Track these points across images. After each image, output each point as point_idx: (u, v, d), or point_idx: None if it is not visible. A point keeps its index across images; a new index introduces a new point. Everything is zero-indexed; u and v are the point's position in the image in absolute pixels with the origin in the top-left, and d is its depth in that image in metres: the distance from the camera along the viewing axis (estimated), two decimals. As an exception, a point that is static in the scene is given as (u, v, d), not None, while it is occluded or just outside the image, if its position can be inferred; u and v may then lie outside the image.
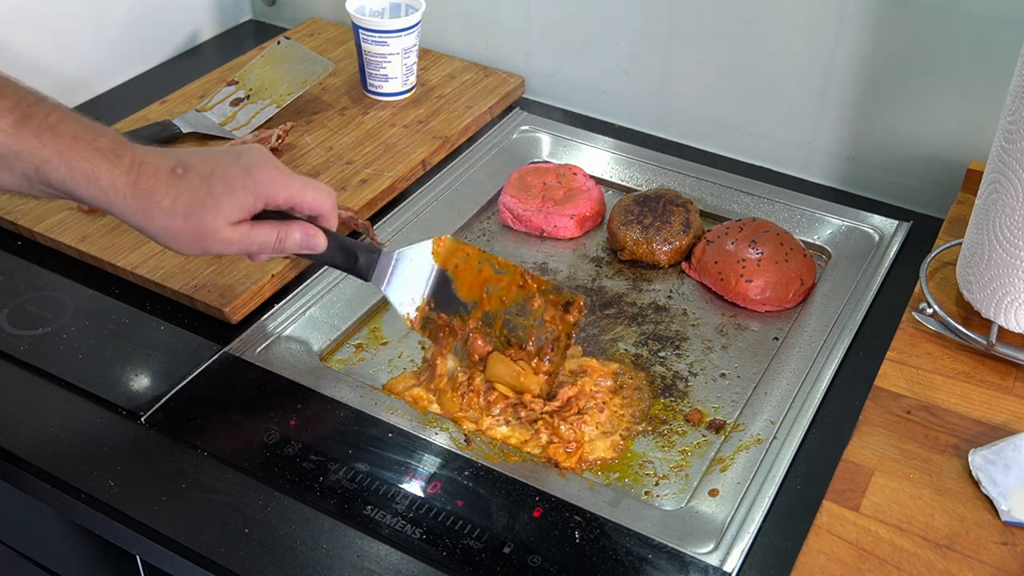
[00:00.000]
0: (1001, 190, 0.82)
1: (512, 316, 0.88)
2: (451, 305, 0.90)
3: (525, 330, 0.88)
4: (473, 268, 0.90)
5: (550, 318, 0.88)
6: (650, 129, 1.29)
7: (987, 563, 0.71)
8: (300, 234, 0.82)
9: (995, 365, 0.88)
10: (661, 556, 0.76)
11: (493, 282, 0.89)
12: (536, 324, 0.88)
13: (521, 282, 0.89)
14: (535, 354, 0.88)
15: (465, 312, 0.90)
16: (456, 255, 0.90)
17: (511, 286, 0.89)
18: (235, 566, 0.75)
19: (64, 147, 0.74)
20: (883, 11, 1.07)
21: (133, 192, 0.76)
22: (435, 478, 0.82)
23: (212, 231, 0.78)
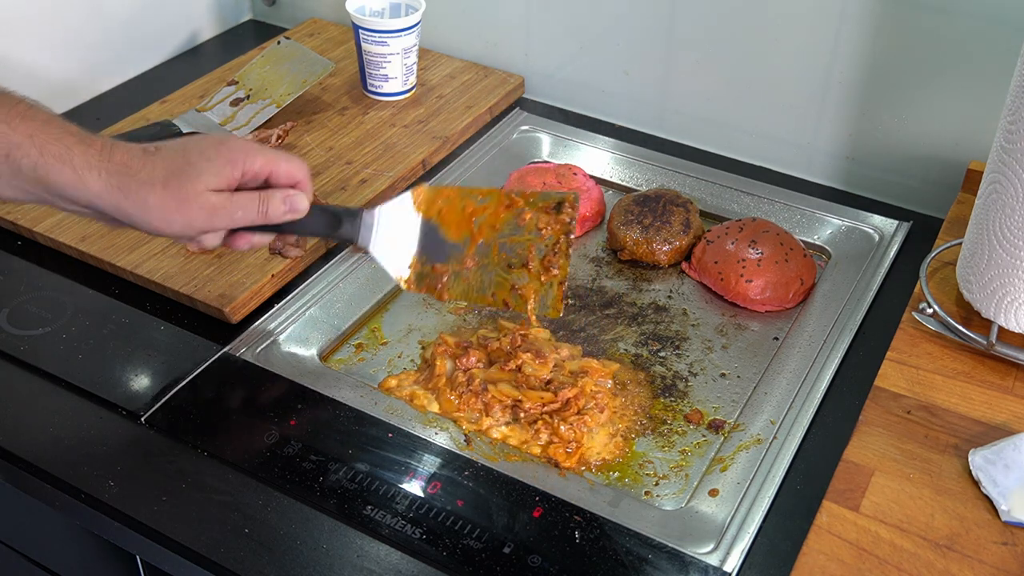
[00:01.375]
0: (1001, 190, 0.82)
1: (506, 238, 0.87)
2: (442, 251, 0.87)
3: (523, 246, 0.86)
4: (456, 208, 0.87)
5: (544, 225, 0.87)
6: (650, 129, 1.29)
7: (987, 563, 0.71)
8: (282, 196, 0.80)
9: (995, 365, 0.88)
10: (661, 556, 0.76)
11: (479, 213, 0.87)
12: (532, 236, 0.87)
13: (507, 203, 0.87)
14: (542, 269, 0.86)
15: (459, 253, 0.87)
16: (437, 200, 0.87)
17: (498, 210, 0.87)
18: (235, 566, 0.75)
19: (35, 130, 0.73)
20: (883, 11, 1.07)
21: (107, 167, 0.74)
22: (435, 478, 0.82)
23: (193, 196, 0.76)
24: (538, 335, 0.95)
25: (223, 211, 0.77)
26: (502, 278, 0.86)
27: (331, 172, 1.15)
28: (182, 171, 0.75)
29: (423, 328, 1.00)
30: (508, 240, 0.87)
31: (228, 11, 1.52)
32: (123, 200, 0.75)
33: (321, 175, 1.14)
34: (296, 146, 1.19)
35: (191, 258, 1.01)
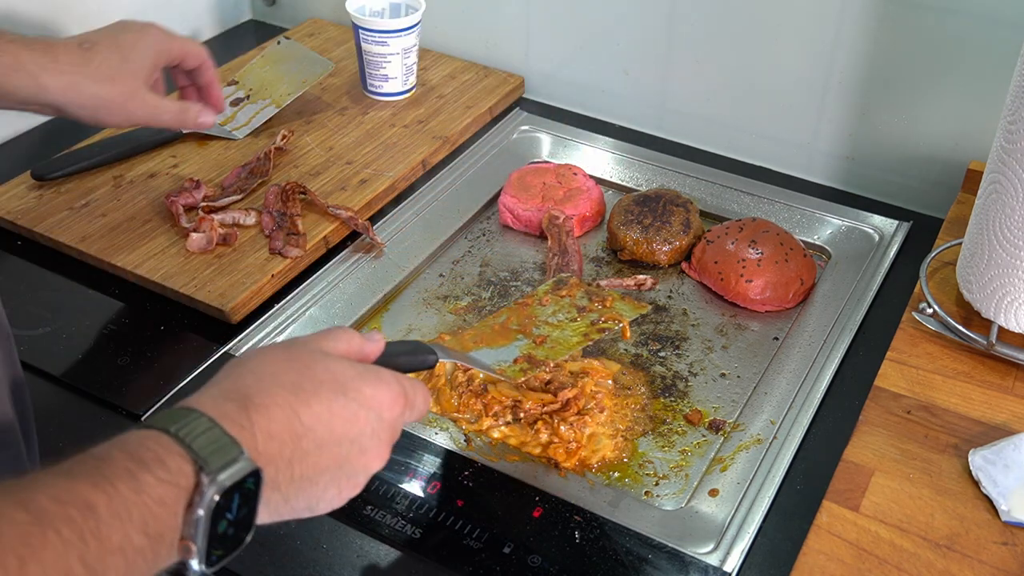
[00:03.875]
0: (1001, 190, 0.82)
1: (547, 318, 0.89)
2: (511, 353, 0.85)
3: (565, 309, 0.90)
4: (486, 332, 0.87)
5: (564, 294, 0.91)
6: (650, 129, 1.29)
7: (987, 563, 0.71)
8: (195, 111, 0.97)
9: (995, 365, 0.88)
10: (661, 556, 0.76)
11: (509, 323, 0.88)
12: (564, 303, 0.90)
13: (521, 305, 0.90)
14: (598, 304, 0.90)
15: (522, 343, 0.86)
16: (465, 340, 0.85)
17: (519, 311, 0.89)
18: (235, 566, 0.75)
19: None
20: (883, 11, 1.07)
21: (57, 67, 0.83)
22: (435, 478, 0.82)
23: (136, 92, 0.89)
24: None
25: (152, 109, 0.91)
26: (575, 328, 0.88)
27: (331, 172, 1.15)
28: (123, 69, 0.87)
29: (423, 328, 1.00)
30: (552, 315, 0.89)
31: (228, 11, 1.52)
32: (77, 96, 0.85)
33: (321, 175, 1.14)
34: (296, 146, 1.19)
35: (191, 258, 1.01)
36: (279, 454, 0.55)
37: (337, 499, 0.60)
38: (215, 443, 0.51)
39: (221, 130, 1.21)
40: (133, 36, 0.90)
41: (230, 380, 0.57)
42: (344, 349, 0.64)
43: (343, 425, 0.58)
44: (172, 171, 1.15)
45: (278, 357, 0.59)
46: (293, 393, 0.57)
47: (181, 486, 0.49)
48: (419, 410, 0.65)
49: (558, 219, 1.07)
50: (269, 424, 0.55)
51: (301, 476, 0.56)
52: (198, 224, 1.03)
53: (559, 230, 1.06)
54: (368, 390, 0.60)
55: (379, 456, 0.61)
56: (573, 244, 1.05)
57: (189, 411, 0.53)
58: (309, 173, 1.15)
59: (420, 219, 1.12)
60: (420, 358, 0.72)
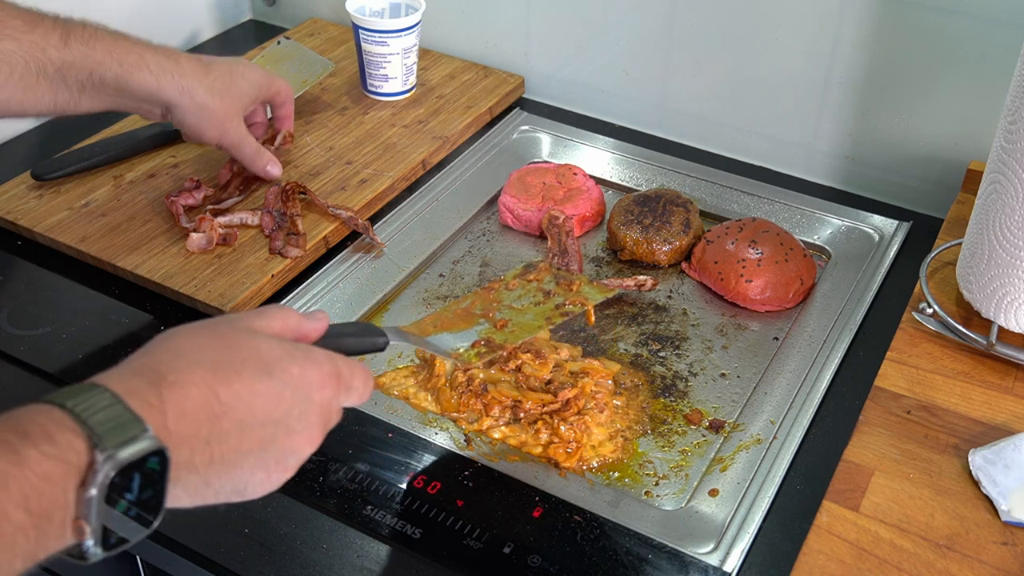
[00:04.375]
0: (1001, 190, 0.82)
1: (513, 300, 0.89)
2: (469, 336, 0.85)
3: (533, 292, 0.90)
4: (448, 316, 0.86)
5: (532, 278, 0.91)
6: (650, 129, 1.29)
7: (987, 563, 0.71)
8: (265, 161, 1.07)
9: (995, 365, 0.88)
10: (661, 556, 0.76)
11: (473, 307, 0.88)
12: (532, 286, 0.91)
13: (487, 289, 0.92)
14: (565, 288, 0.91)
15: (483, 328, 0.86)
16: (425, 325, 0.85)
17: (486, 295, 0.91)
18: (235, 566, 0.75)
19: (110, 47, 0.86)
20: (883, 11, 1.07)
21: (177, 70, 0.90)
22: (435, 478, 0.82)
23: (235, 115, 0.98)
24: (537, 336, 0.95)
25: (240, 137, 1.01)
26: (539, 312, 0.89)
27: (331, 172, 1.15)
28: (232, 91, 0.96)
29: (423, 328, 1.00)
30: (517, 299, 0.90)
31: (228, 11, 1.52)
32: (190, 101, 0.92)
33: (321, 175, 1.14)
34: (296, 146, 1.19)
35: (191, 258, 1.01)
36: (194, 434, 0.53)
37: (267, 483, 0.58)
38: (115, 420, 0.49)
39: (221, 130, 1.21)
40: (243, 68, 1.00)
41: (147, 356, 0.55)
42: (279, 327, 0.61)
43: (266, 405, 0.56)
44: (172, 171, 1.15)
45: (201, 334, 0.57)
46: (212, 371, 0.54)
47: (71, 463, 0.47)
48: (358, 393, 0.63)
49: (558, 219, 1.07)
50: (183, 402, 0.52)
51: (222, 458, 0.54)
52: (198, 224, 1.03)
53: (559, 230, 1.06)
54: (295, 369, 0.58)
55: (309, 439, 0.59)
56: (573, 244, 1.05)
57: (93, 387, 0.51)
58: (309, 173, 1.15)
59: (420, 219, 1.12)
60: (369, 340, 0.69)
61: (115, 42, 0.88)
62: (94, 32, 0.88)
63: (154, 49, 0.91)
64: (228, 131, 0.98)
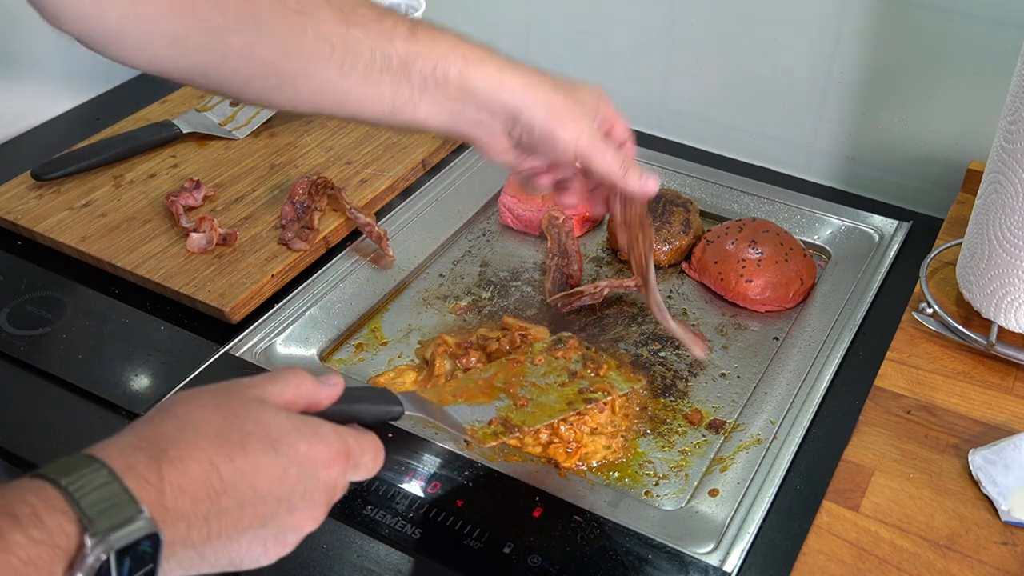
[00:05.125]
0: (1001, 190, 0.82)
1: (537, 377, 0.86)
2: (488, 412, 0.82)
3: (558, 371, 0.88)
4: (470, 386, 0.84)
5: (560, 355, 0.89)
6: (650, 129, 1.29)
7: (987, 563, 0.71)
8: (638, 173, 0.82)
9: (995, 365, 0.88)
10: (661, 556, 0.76)
11: (496, 379, 0.85)
12: (559, 364, 0.88)
13: (512, 362, 0.88)
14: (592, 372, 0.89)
15: (504, 404, 0.83)
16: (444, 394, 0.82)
17: (508, 368, 0.87)
18: (235, 566, 0.75)
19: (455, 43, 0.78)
20: (883, 11, 1.07)
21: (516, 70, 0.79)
22: (435, 478, 0.82)
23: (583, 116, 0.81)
24: (537, 336, 0.95)
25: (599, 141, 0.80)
26: (561, 394, 0.86)
27: (331, 172, 1.15)
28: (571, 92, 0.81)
29: (423, 328, 1.00)
30: (541, 377, 0.87)
31: (228, 11, 1.51)
32: (535, 96, 0.79)
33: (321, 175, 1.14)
34: (296, 146, 1.19)
35: (191, 258, 1.01)
36: (192, 511, 0.51)
37: (263, 557, 0.56)
38: (109, 500, 0.47)
39: (221, 130, 1.21)
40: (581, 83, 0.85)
41: (150, 425, 0.54)
42: (291, 396, 0.59)
43: (269, 483, 0.54)
44: (172, 171, 1.15)
45: (210, 402, 0.55)
46: (216, 445, 0.53)
47: (59, 547, 0.45)
48: (367, 468, 0.61)
49: (558, 219, 1.07)
50: (182, 479, 0.51)
51: (219, 534, 0.53)
52: (198, 224, 1.03)
53: (559, 231, 1.06)
54: (303, 446, 0.56)
55: (311, 517, 0.57)
56: (573, 245, 1.05)
57: (90, 460, 0.49)
58: (309, 173, 1.15)
59: (420, 219, 1.12)
60: (383, 409, 0.66)
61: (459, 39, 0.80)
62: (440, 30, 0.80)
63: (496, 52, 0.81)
64: (583, 131, 0.79)
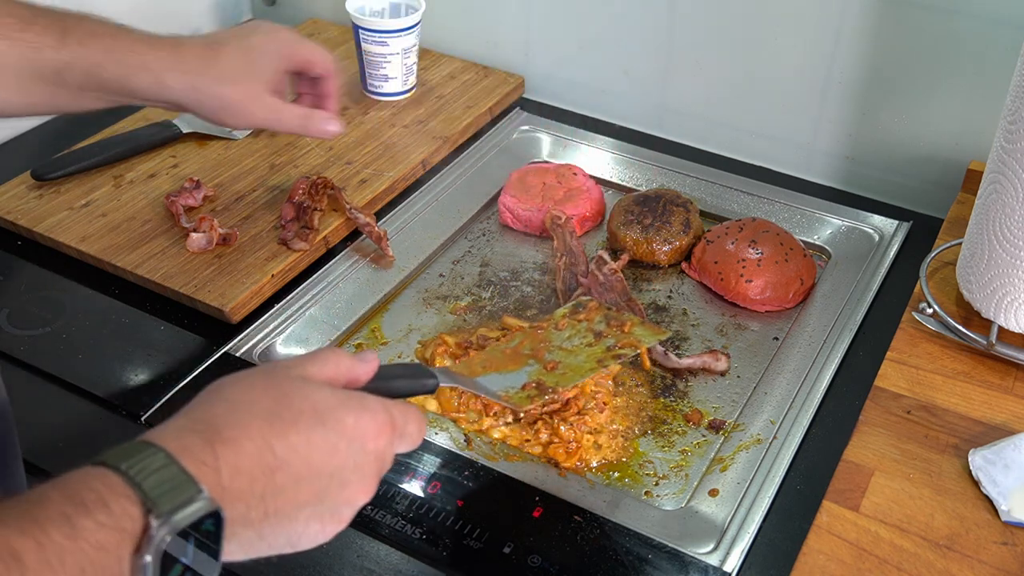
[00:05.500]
0: (1001, 190, 0.82)
1: (563, 341, 0.86)
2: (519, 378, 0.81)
3: (583, 332, 0.87)
4: (496, 356, 0.83)
5: (583, 318, 0.89)
6: (650, 129, 1.29)
7: (987, 563, 0.71)
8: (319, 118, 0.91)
9: (995, 365, 0.88)
10: (661, 556, 0.76)
11: (522, 346, 0.84)
12: (583, 326, 0.88)
13: (537, 330, 0.87)
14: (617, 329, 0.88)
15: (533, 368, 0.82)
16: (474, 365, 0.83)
17: (534, 335, 0.86)
18: (235, 566, 0.75)
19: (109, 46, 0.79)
20: (884, 11, 1.07)
21: (181, 67, 0.82)
22: (435, 478, 0.82)
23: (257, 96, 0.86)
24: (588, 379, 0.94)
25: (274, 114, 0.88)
26: (590, 354, 0.85)
27: (331, 172, 1.15)
28: (248, 71, 0.85)
29: (423, 328, 1.00)
30: (567, 340, 0.87)
31: (228, 11, 1.52)
32: (200, 96, 0.83)
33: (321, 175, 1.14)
34: (296, 146, 1.19)
35: (191, 258, 1.01)
36: (249, 490, 0.51)
37: (321, 534, 0.56)
38: (169, 482, 0.48)
39: (221, 130, 1.21)
40: (261, 39, 0.89)
41: (201, 408, 0.54)
42: (331, 373, 0.60)
43: (322, 458, 0.55)
44: (172, 171, 1.15)
45: (256, 384, 0.56)
46: (268, 423, 0.53)
47: (126, 530, 0.46)
48: (411, 439, 0.61)
49: (560, 219, 1.07)
50: (237, 458, 0.51)
51: (276, 512, 0.53)
52: (198, 224, 1.03)
53: (562, 230, 1.06)
54: (351, 419, 0.56)
55: (364, 490, 0.58)
56: (577, 245, 1.05)
57: (146, 445, 0.50)
58: (309, 173, 1.15)
59: (420, 219, 1.12)
60: (419, 382, 0.68)
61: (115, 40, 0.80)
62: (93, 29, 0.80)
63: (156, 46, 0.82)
64: (254, 114, 0.87)
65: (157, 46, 0.82)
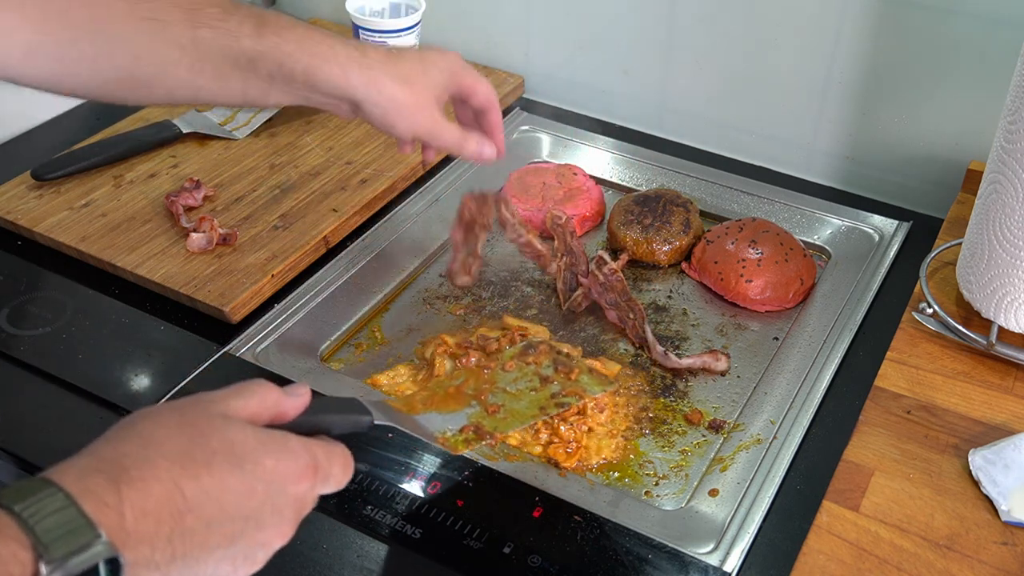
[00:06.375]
0: (1001, 190, 0.82)
1: (508, 383, 0.86)
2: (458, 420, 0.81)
3: (529, 376, 0.87)
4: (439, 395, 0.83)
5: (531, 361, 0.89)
6: (650, 129, 1.29)
7: (987, 563, 0.71)
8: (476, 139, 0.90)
9: (995, 365, 0.88)
10: (661, 556, 0.76)
11: (466, 386, 0.84)
12: (531, 369, 0.88)
13: (484, 368, 0.87)
14: (563, 376, 0.88)
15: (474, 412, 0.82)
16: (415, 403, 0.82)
17: (479, 374, 0.86)
18: (235, 566, 0.75)
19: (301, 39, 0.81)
20: (883, 11, 1.07)
21: (364, 61, 0.83)
22: (435, 478, 0.82)
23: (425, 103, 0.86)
24: (537, 335, 0.95)
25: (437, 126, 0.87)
26: (533, 400, 0.85)
27: (331, 172, 1.15)
28: (423, 78, 0.86)
29: (423, 328, 1.00)
30: (512, 383, 0.87)
31: (228, 11, 1.51)
32: (377, 94, 0.83)
33: (321, 175, 1.14)
34: (296, 146, 1.19)
35: (191, 258, 1.01)
36: (155, 532, 0.50)
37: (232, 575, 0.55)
38: (64, 525, 0.46)
39: (221, 130, 1.21)
40: (435, 55, 0.89)
41: (110, 446, 0.52)
42: (255, 408, 0.58)
43: (237, 500, 0.53)
44: (172, 171, 1.15)
45: (171, 419, 0.54)
46: (180, 464, 0.51)
47: (13, 575, 0.44)
48: (336, 479, 0.60)
49: (560, 219, 1.07)
50: (144, 500, 0.49)
51: (184, 555, 0.51)
52: (198, 224, 1.03)
53: (563, 230, 1.06)
54: (270, 462, 0.54)
55: (281, 533, 0.56)
56: (577, 245, 1.05)
57: (46, 484, 0.48)
58: (309, 173, 1.15)
59: (420, 219, 1.12)
60: (352, 419, 0.65)
61: (307, 34, 0.83)
62: (287, 23, 0.83)
63: (344, 42, 0.84)
64: (420, 122, 0.86)
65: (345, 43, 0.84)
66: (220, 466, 0.53)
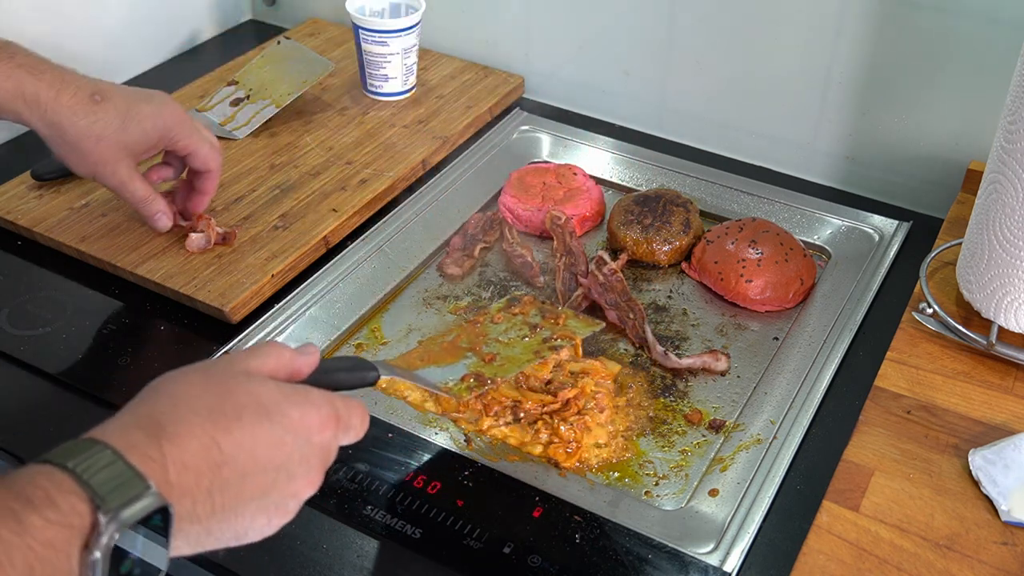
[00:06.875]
0: (1001, 190, 0.82)
1: (499, 334, 0.87)
2: (457, 370, 0.83)
3: (518, 325, 0.88)
4: (434, 349, 0.84)
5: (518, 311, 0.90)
6: (650, 129, 1.29)
7: (987, 563, 0.71)
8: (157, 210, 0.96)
9: (995, 365, 0.88)
10: (661, 556, 0.76)
11: (460, 339, 0.86)
12: (518, 319, 0.89)
13: (472, 323, 0.89)
14: (552, 322, 0.89)
15: (470, 361, 0.84)
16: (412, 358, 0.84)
17: (471, 328, 0.88)
18: (235, 566, 0.75)
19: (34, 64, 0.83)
20: (883, 11, 1.07)
21: (54, 106, 0.84)
22: (435, 478, 0.82)
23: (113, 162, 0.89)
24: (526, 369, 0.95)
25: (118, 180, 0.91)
26: (526, 346, 0.87)
27: (331, 172, 1.15)
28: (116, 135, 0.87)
29: (423, 328, 1.00)
30: (503, 333, 0.88)
31: (228, 11, 1.52)
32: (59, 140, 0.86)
33: (321, 175, 1.14)
34: (296, 146, 1.19)
35: (191, 258, 1.01)
36: (196, 485, 0.52)
37: (267, 527, 0.57)
38: (117, 478, 0.48)
39: (221, 130, 1.21)
40: (149, 109, 0.90)
41: (145, 405, 0.54)
42: (272, 366, 0.60)
43: (268, 452, 0.55)
44: (172, 171, 1.15)
45: (196, 380, 0.56)
46: (211, 420, 0.53)
47: (75, 526, 0.46)
48: (355, 431, 0.62)
49: (560, 219, 1.07)
50: (183, 454, 0.52)
51: (223, 507, 0.53)
52: (197, 224, 1.03)
53: (562, 231, 1.06)
54: (295, 413, 0.57)
55: (310, 482, 0.58)
56: (577, 245, 1.05)
57: (92, 443, 0.50)
58: (309, 173, 1.15)
59: (420, 219, 1.12)
60: (359, 375, 0.68)
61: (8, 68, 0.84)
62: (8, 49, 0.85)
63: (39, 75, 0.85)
64: (103, 175, 0.90)
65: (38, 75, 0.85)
66: (250, 419, 0.55)
